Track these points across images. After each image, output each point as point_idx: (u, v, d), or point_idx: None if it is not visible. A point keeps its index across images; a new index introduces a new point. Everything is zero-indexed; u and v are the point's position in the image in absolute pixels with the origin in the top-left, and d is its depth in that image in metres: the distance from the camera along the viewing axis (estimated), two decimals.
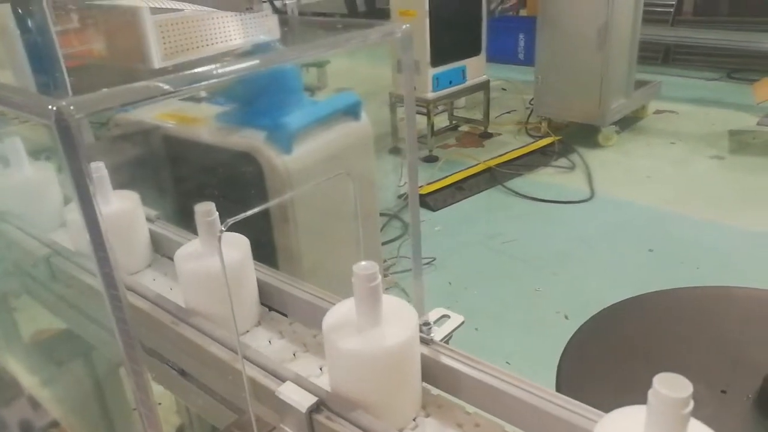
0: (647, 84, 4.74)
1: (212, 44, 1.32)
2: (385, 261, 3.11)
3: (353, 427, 0.49)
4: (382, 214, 3.52)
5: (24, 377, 2.19)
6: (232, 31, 1.30)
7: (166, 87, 0.41)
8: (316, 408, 0.51)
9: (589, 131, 4.39)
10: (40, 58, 1.41)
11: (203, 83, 0.48)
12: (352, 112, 1.54)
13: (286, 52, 0.61)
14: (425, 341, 0.59)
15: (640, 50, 4.51)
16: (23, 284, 0.92)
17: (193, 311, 0.69)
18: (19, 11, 1.57)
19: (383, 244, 3.26)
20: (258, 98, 1.39)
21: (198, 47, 1.30)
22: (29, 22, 1.50)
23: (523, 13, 7.60)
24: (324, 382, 0.57)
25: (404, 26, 0.55)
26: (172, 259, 0.79)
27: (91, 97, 0.38)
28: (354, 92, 1.54)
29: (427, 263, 3.09)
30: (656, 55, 5.94)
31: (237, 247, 0.72)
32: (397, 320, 0.55)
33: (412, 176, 0.66)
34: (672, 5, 5.98)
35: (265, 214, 1.42)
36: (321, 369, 0.65)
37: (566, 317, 2.58)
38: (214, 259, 0.69)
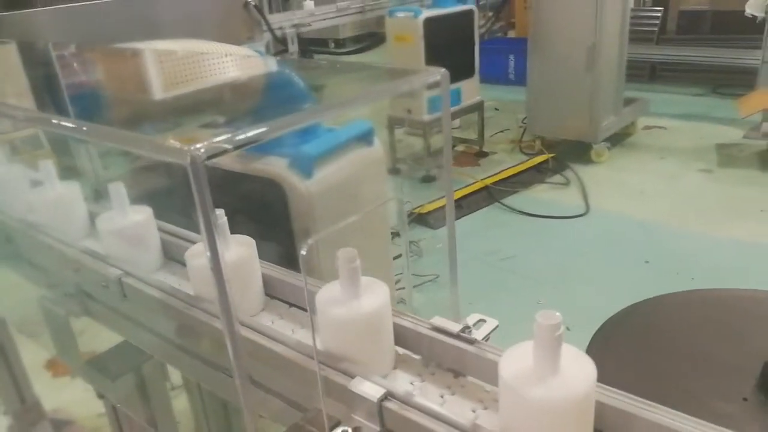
0: (636, 101, 4.89)
1: (206, 77, 1.42)
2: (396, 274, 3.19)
3: (421, 414, 0.59)
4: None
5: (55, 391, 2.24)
6: (225, 66, 1.41)
7: (264, 129, 0.51)
8: (386, 397, 0.61)
9: (581, 148, 4.52)
10: (48, 91, 1.51)
11: (278, 133, 0.58)
12: (365, 138, 1.65)
13: (333, 105, 0.72)
14: (469, 341, 0.69)
15: (627, 68, 4.67)
16: (83, 305, 1.01)
17: (200, 298, 0.82)
18: (25, 51, 1.67)
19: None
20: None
21: (193, 80, 1.42)
22: (35, 61, 1.61)
23: (511, 34, 7.81)
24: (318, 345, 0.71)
25: (442, 69, 0.65)
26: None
27: (213, 144, 0.48)
28: (367, 121, 1.65)
29: (431, 280, 3.18)
30: (642, 72, 6.12)
31: (245, 245, 0.87)
32: (372, 294, 0.72)
33: (447, 192, 0.76)
34: (656, 24, 6.18)
35: (289, 231, 1.52)
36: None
37: (568, 329, 2.66)
38: (225, 254, 0.82)
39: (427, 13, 4.12)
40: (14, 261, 1.28)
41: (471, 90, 4.59)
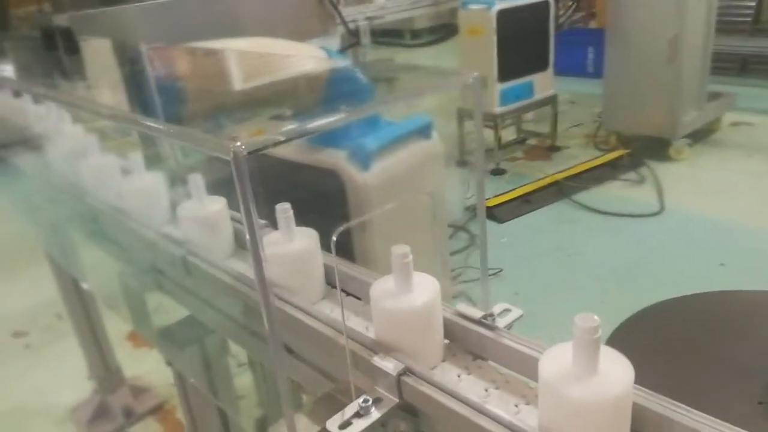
0: (721, 95, 4.66)
1: (274, 73, 1.51)
2: (452, 271, 3.23)
3: (434, 389, 0.64)
4: (449, 226, 3.64)
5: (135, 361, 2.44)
6: (291, 63, 1.50)
7: (302, 130, 0.57)
8: (404, 372, 0.66)
9: (659, 144, 4.36)
10: (137, 85, 1.64)
11: (316, 128, 0.64)
12: (424, 132, 1.69)
13: (377, 103, 0.77)
14: (490, 327, 0.73)
15: (715, 61, 4.45)
16: (155, 280, 1.12)
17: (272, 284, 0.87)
18: (118, 47, 1.82)
19: (451, 254, 3.39)
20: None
21: (264, 75, 1.51)
22: (126, 56, 1.74)
23: (592, 25, 7.57)
24: (371, 334, 0.76)
25: (475, 74, 0.69)
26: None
27: (255, 139, 0.54)
28: (426, 115, 1.69)
29: (494, 274, 3.19)
30: (732, 65, 5.79)
31: (309, 237, 0.92)
32: (423, 288, 0.74)
33: (480, 191, 0.79)
34: (749, 14, 5.83)
35: (347, 221, 1.59)
36: (366, 328, 0.83)
37: None
38: (291, 245, 0.90)
39: (500, 5, 4.07)
40: (101, 240, 1.42)
41: (544, 83, 4.51)
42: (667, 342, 1.21)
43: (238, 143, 0.52)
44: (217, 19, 2.78)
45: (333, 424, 0.62)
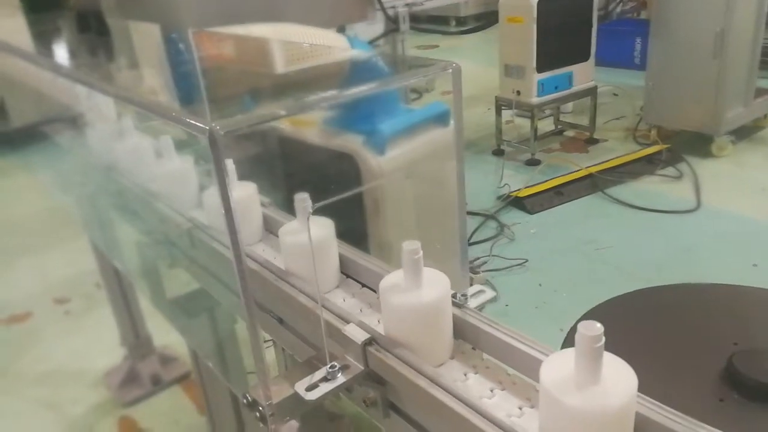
0: None
1: (316, 57, 1.57)
2: (477, 259, 3.25)
3: (396, 360, 0.68)
4: (478, 214, 3.66)
5: (164, 331, 2.56)
6: (315, 51, 1.55)
7: (282, 112, 0.62)
8: (369, 342, 0.71)
9: (701, 140, 4.25)
10: (183, 67, 1.71)
11: (307, 108, 0.68)
12: (441, 119, 1.72)
13: (358, 88, 0.79)
14: (458, 305, 0.77)
15: (765, 55, 4.30)
16: (170, 252, 1.19)
17: (289, 272, 0.91)
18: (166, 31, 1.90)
19: (477, 243, 3.41)
20: (359, 107, 1.61)
21: (307, 58, 1.56)
22: (174, 40, 1.82)
23: (643, 15, 7.37)
24: (381, 328, 0.75)
25: (454, 64, 0.72)
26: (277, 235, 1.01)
27: (230, 121, 0.59)
28: (443, 102, 1.71)
29: (519, 264, 3.20)
30: None
31: (324, 226, 0.94)
32: (433, 285, 0.74)
33: (460, 185, 0.83)
34: None
35: (360, 206, 1.64)
36: (378, 321, 0.83)
37: None
38: (306, 234, 0.89)
39: None
40: (131, 217, 1.50)
41: (584, 74, 4.45)
42: (621, 343, 1.22)
43: (214, 125, 0.57)
44: (256, 1, 2.84)
45: (301, 386, 0.67)
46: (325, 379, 0.68)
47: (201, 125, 0.58)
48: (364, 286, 0.93)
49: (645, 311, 1.30)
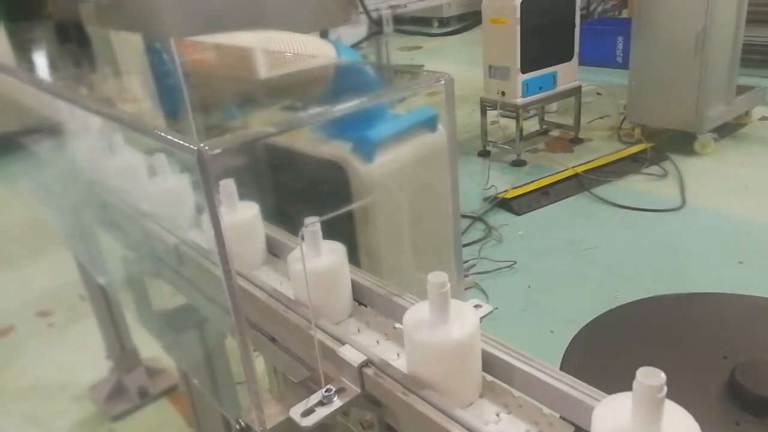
0: (752, 89, 4.54)
1: (297, 62, 1.55)
2: (466, 262, 3.24)
3: (396, 383, 0.66)
4: (465, 216, 3.65)
5: (150, 343, 2.52)
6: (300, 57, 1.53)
7: (272, 129, 0.59)
8: (365, 364, 0.69)
9: (684, 138, 4.28)
10: (166, 77, 1.68)
11: (295, 126, 0.66)
12: (429, 124, 1.71)
13: (350, 102, 0.76)
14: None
15: (746, 53, 4.34)
16: (156, 267, 1.16)
17: (299, 302, 0.85)
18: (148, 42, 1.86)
19: (465, 246, 3.40)
20: (346, 114, 1.59)
21: (288, 63, 1.54)
22: (157, 50, 1.78)
23: (625, 14, 7.42)
24: (401, 364, 0.71)
25: (446, 75, 0.71)
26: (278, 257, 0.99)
27: (218, 140, 0.57)
28: (431, 107, 1.70)
29: (508, 266, 3.19)
30: (765, 58, 5.64)
31: (335, 252, 0.87)
32: (461, 319, 0.69)
33: (454, 191, 0.81)
34: None
35: (350, 216, 1.61)
36: (398, 355, 0.77)
37: None
38: (317, 260, 0.85)
39: None
40: (116, 232, 1.46)
41: (568, 74, 4.47)
42: (629, 343, 1.21)
43: (202, 145, 0.55)
44: (239, 6, 2.81)
45: (296, 411, 0.65)
46: (320, 404, 0.66)
47: (189, 145, 0.56)
48: (378, 314, 0.87)
49: (625, 328, 1.29)
